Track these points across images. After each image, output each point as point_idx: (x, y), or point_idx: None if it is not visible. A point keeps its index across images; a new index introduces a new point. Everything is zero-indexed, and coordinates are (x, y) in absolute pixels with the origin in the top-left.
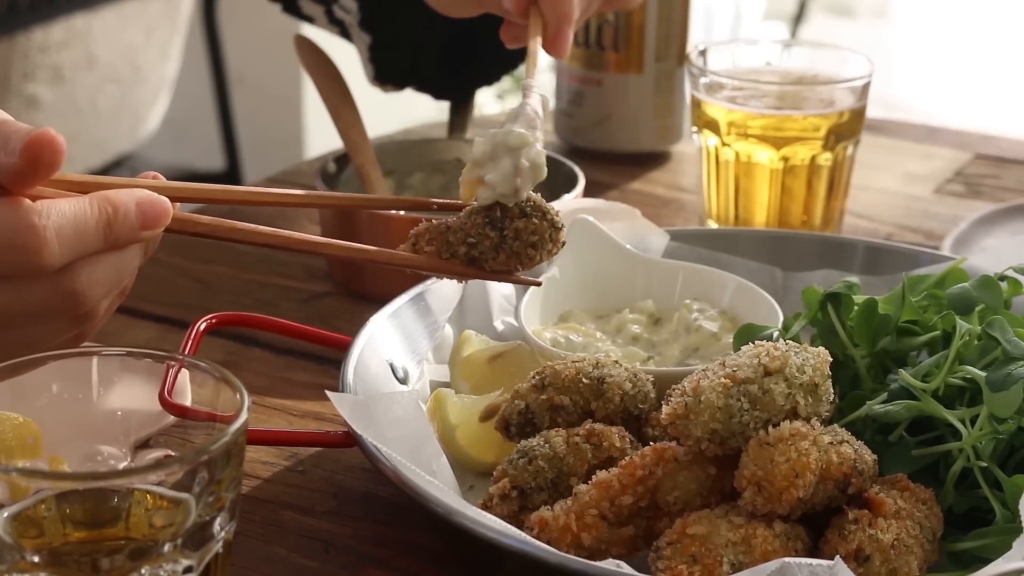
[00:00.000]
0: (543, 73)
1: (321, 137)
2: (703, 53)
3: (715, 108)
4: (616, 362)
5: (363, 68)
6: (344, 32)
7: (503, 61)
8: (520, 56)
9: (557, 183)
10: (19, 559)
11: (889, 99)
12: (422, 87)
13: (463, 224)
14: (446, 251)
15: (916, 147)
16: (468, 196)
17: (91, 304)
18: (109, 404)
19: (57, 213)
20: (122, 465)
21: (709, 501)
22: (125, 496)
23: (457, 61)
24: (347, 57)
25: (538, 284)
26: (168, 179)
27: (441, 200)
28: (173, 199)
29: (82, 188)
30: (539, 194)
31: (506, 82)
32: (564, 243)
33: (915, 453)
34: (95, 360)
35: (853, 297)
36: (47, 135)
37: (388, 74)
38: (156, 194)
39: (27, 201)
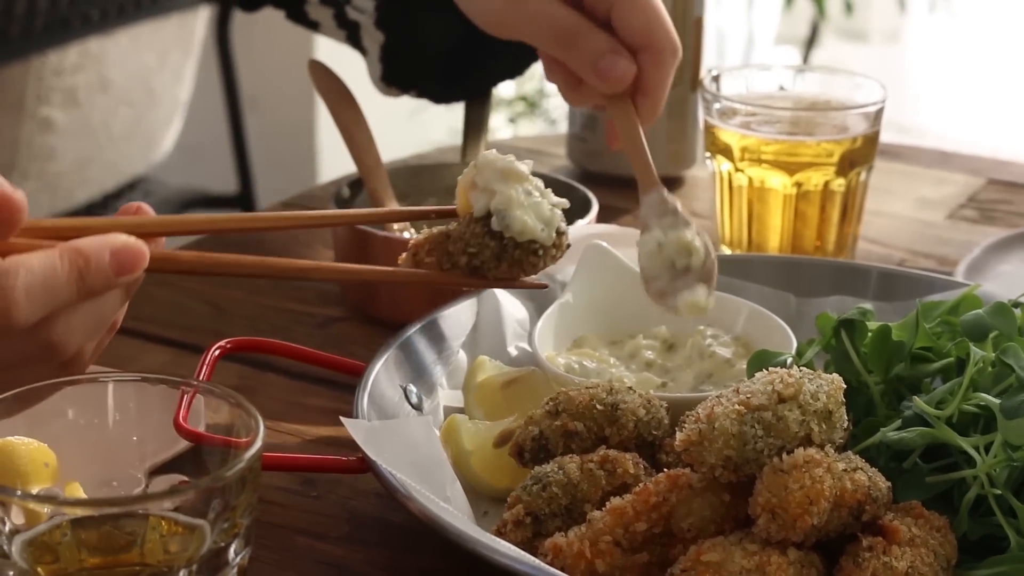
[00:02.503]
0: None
1: (334, 161)
2: (716, 79)
3: (728, 134)
4: (630, 388)
5: (369, 70)
6: (352, 36)
7: (504, 66)
8: (522, 62)
9: (571, 208)
10: None
11: (901, 123)
12: (424, 91)
13: (462, 233)
14: (447, 262)
15: (929, 172)
16: (463, 204)
17: (71, 352)
18: (124, 429)
19: (26, 271)
20: (137, 491)
21: (723, 528)
22: (140, 522)
23: (460, 65)
24: (361, 82)
25: (544, 287)
26: (181, 202)
27: (438, 208)
28: (157, 234)
29: (57, 234)
30: (549, 188)
31: (519, 106)
32: (569, 246)
33: (929, 480)
34: (110, 386)
35: (867, 324)
36: (3, 194)
37: (395, 76)
38: (131, 238)
39: None
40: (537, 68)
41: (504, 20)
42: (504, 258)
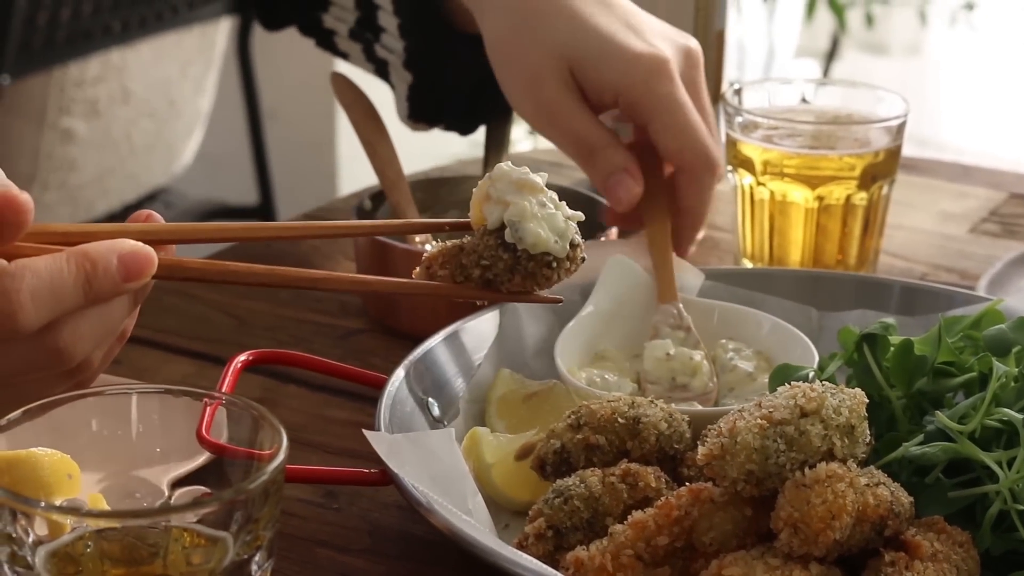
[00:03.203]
0: None
1: (354, 173)
2: (738, 92)
3: (750, 147)
4: (652, 402)
5: (396, 106)
6: (381, 70)
7: None
8: None
9: (592, 222)
10: None
11: (921, 136)
12: (451, 126)
13: (476, 246)
14: (460, 274)
15: (950, 186)
16: (477, 216)
17: (78, 359)
18: (147, 441)
19: (32, 274)
20: (160, 503)
21: (745, 542)
22: (163, 534)
23: (484, 100)
24: (383, 94)
25: (558, 301)
26: (201, 213)
27: (452, 220)
28: (166, 241)
29: (65, 239)
30: (564, 201)
31: None
32: (583, 259)
33: (952, 495)
34: (134, 397)
35: (889, 338)
36: (9, 196)
37: (422, 113)
38: (139, 244)
39: (1, 263)
40: None
41: (536, 126)
42: (517, 271)
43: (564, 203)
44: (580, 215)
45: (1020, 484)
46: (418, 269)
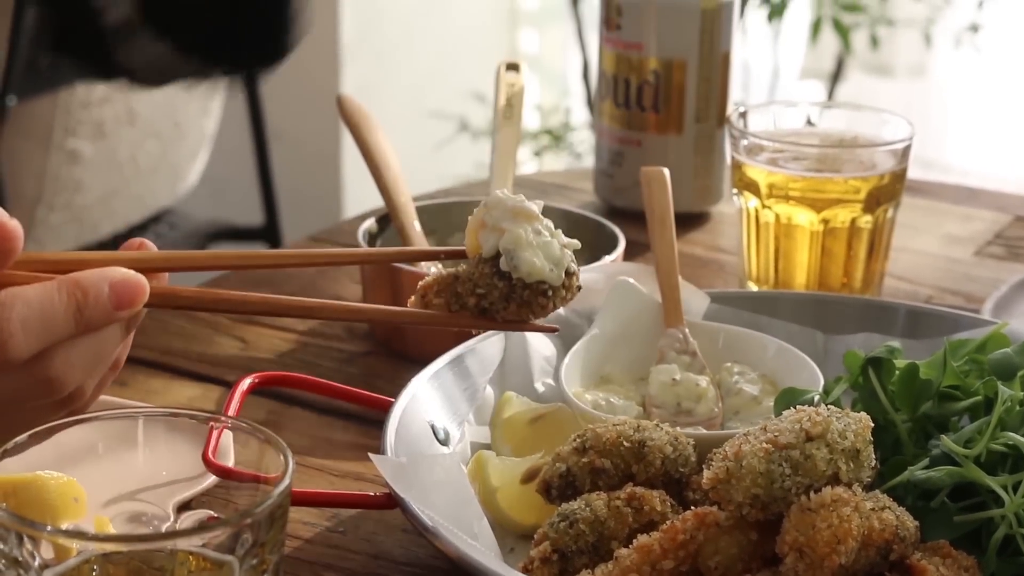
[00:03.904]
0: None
1: (360, 194)
2: (743, 115)
3: (755, 170)
4: (657, 425)
5: None
6: None
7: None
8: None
9: (598, 245)
10: None
11: (926, 157)
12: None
13: (471, 274)
14: (455, 303)
15: (956, 209)
16: (473, 244)
17: (70, 388)
18: (153, 464)
19: (22, 303)
20: (166, 526)
21: (750, 566)
22: (169, 558)
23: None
24: (390, 117)
25: (554, 330)
26: (206, 235)
27: (448, 248)
28: (159, 269)
29: (56, 268)
30: (559, 229)
31: (544, 139)
32: (579, 288)
33: (957, 519)
34: (140, 421)
35: (894, 362)
36: None
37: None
38: (131, 272)
39: None
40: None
41: None
42: (513, 299)
43: (560, 231)
44: (576, 243)
45: None
46: (413, 298)
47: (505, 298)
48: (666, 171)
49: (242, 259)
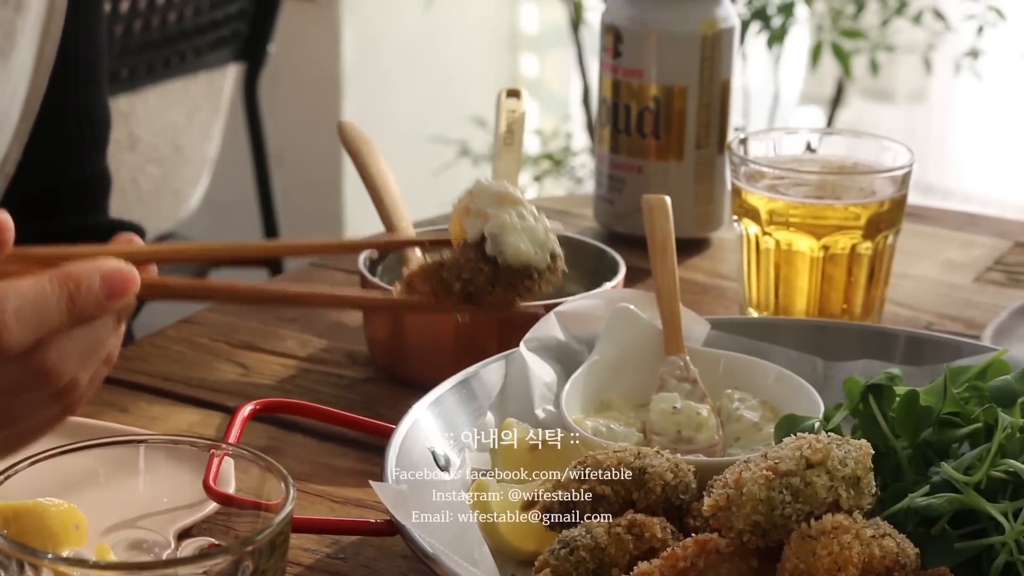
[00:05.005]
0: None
1: (360, 217)
2: (743, 142)
3: (756, 197)
4: (658, 452)
5: None
6: None
7: None
8: None
9: (599, 271)
10: None
11: (926, 183)
12: None
13: (456, 260)
14: (442, 290)
15: (956, 235)
16: (457, 231)
17: (65, 379)
18: (154, 491)
19: (16, 294)
20: (166, 554)
21: None
22: None
23: None
24: (390, 142)
25: (541, 314)
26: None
27: (432, 236)
28: (149, 261)
29: (47, 262)
30: (543, 213)
31: (545, 164)
32: (564, 271)
33: (958, 546)
34: (141, 448)
35: (895, 388)
36: None
37: None
38: (122, 262)
39: None
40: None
41: None
42: (499, 283)
43: (544, 214)
44: (560, 227)
45: None
46: (399, 286)
47: (491, 282)
48: (668, 199)
49: (233, 251)
